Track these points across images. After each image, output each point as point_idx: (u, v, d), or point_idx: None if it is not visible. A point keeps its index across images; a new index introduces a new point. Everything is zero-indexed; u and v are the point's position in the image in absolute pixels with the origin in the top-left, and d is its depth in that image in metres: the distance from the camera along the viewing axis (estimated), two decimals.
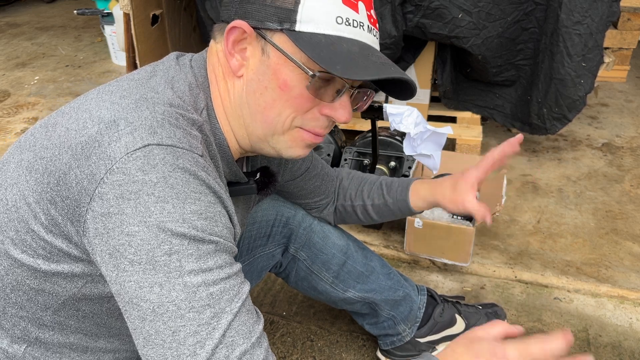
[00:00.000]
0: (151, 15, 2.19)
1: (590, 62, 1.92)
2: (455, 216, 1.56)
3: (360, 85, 0.79)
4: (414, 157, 1.57)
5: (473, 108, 2.29)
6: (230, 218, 0.72)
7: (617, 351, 1.37)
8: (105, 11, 3.20)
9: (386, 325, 1.29)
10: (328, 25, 0.70)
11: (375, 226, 1.81)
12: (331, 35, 0.70)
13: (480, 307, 1.38)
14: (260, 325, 0.69)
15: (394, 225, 1.81)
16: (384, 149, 1.80)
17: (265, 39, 0.72)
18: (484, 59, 2.02)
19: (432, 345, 1.32)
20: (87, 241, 0.66)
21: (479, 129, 2.24)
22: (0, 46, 3.75)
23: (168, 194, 0.63)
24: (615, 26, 2.83)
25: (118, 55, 3.33)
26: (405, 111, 1.46)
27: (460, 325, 1.33)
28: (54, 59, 3.50)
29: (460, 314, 1.33)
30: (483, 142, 2.21)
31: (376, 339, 1.36)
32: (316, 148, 1.86)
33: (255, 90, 0.74)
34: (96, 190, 0.63)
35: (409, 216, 1.22)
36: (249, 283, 0.70)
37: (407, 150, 1.51)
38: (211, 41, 0.80)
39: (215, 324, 0.63)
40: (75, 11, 3.39)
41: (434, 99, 2.36)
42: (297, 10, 0.69)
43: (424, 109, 2.24)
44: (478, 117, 2.28)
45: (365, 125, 2.22)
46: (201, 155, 0.68)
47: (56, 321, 0.76)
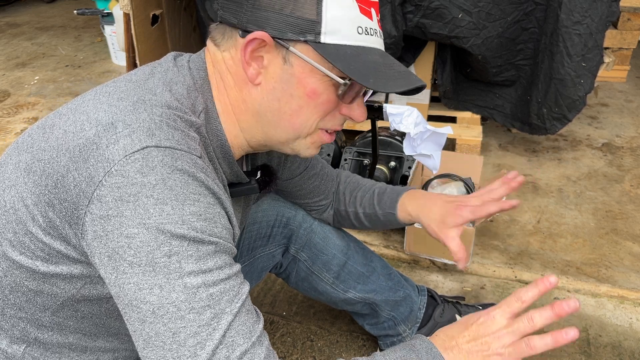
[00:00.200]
0: (151, 15, 2.19)
1: (590, 62, 1.92)
2: None
3: None
4: (414, 157, 1.57)
5: (473, 108, 2.29)
6: (229, 219, 0.72)
7: (617, 351, 1.37)
8: (105, 11, 3.20)
9: (386, 326, 1.29)
10: (351, 37, 0.72)
11: None
12: (354, 46, 0.72)
13: (481, 307, 1.38)
14: (260, 325, 0.69)
15: None
16: (384, 149, 1.80)
17: (287, 49, 0.72)
18: (484, 59, 2.02)
19: None
20: (86, 243, 0.66)
21: (479, 129, 2.24)
22: (0, 46, 3.75)
23: (167, 196, 0.62)
24: (615, 26, 2.83)
25: (118, 55, 3.33)
26: (405, 111, 1.46)
27: None
28: (54, 59, 3.50)
29: (460, 315, 1.33)
30: (483, 142, 2.21)
31: (376, 340, 1.36)
32: None
33: (279, 98, 0.75)
34: (94, 193, 0.63)
35: (398, 227, 1.21)
36: (248, 283, 0.70)
37: (407, 150, 1.51)
38: (211, 44, 0.78)
39: (215, 324, 0.64)
40: (75, 11, 3.39)
41: (434, 99, 2.36)
42: (321, 22, 0.70)
43: (424, 109, 2.24)
44: (478, 117, 2.28)
45: (365, 125, 2.21)
46: (199, 157, 0.69)
47: (55, 322, 0.76)
